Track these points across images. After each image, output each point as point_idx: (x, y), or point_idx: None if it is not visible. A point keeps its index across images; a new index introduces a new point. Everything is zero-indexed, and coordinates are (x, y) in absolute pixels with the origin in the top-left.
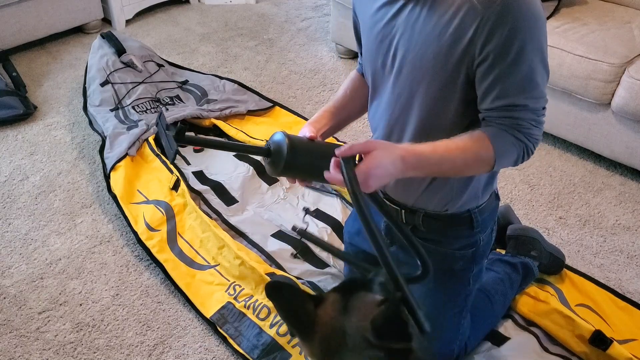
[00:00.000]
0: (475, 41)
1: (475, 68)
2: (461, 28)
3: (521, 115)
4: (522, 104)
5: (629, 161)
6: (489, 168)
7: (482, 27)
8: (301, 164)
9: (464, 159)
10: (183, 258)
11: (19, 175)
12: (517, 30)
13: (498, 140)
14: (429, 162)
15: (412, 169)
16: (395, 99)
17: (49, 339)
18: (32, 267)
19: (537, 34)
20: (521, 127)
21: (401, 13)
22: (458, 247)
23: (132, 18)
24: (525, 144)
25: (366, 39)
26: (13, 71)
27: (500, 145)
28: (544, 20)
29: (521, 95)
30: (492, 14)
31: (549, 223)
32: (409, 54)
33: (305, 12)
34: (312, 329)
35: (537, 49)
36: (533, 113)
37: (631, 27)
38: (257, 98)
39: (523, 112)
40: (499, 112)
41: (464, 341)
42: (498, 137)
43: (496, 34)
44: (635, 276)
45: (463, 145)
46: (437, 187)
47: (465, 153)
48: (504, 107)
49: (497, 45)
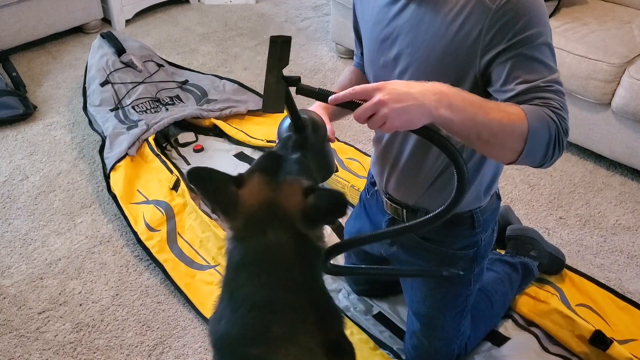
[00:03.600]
0: (485, 36)
1: (488, 63)
2: (468, 24)
3: (549, 95)
4: (547, 85)
5: (629, 161)
6: (520, 144)
7: (492, 21)
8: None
9: (499, 119)
10: (183, 258)
11: (19, 175)
12: (528, 20)
13: (530, 111)
14: (465, 99)
15: (448, 105)
16: None
17: (48, 339)
18: (32, 267)
19: (545, 21)
20: (552, 107)
21: (403, 13)
22: (459, 247)
23: (132, 18)
24: (558, 126)
25: (368, 40)
26: (13, 71)
27: (533, 116)
28: (545, 8)
29: (543, 78)
30: (501, 7)
31: (549, 223)
32: (415, 54)
33: (305, 12)
34: (235, 208)
35: (547, 39)
36: (559, 95)
37: (631, 27)
38: (257, 98)
39: (550, 93)
40: (528, 95)
41: (464, 341)
42: (531, 108)
43: (509, 27)
44: (635, 276)
45: (497, 104)
46: (439, 187)
47: (500, 111)
48: (531, 89)
49: (511, 37)
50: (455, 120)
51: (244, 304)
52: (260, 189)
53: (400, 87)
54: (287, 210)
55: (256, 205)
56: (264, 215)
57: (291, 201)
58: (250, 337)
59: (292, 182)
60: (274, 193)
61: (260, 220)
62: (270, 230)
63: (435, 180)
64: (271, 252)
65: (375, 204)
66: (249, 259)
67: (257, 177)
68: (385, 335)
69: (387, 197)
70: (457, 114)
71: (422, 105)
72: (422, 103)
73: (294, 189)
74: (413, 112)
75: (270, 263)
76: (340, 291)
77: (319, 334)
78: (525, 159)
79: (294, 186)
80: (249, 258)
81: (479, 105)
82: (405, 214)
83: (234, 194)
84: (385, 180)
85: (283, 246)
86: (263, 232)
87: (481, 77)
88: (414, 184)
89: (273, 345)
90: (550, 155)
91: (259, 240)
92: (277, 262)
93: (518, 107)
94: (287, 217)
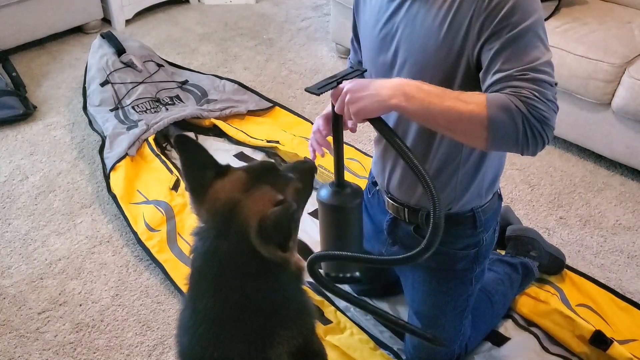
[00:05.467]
0: (474, 24)
1: (479, 52)
2: (460, 15)
3: (520, 83)
4: (520, 74)
5: (629, 161)
6: (482, 132)
7: (481, 9)
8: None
9: (454, 104)
10: (183, 258)
11: (19, 175)
12: (515, 6)
13: (493, 100)
14: (420, 89)
15: (402, 94)
16: None
17: (48, 339)
18: (32, 267)
19: (534, 11)
20: (522, 96)
21: (400, 9)
22: (461, 247)
23: (132, 18)
24: (527, 117)
25: (368, 39)
26: (13, 71)
27: (494, 104)
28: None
29: (520, 66)
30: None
31: (550, 223)
32: (412, 48)
33: (305, 12)
34: (204, 193)
35: (533, 25)
36: (535, 83)
37: (631, 27)
38: (257, 98)
39: (523, 81)
40: (500, 84)
41: (464, 341)
42: (494, 97)
43: (495, 14)
44: (635, 276)
45: (458, 94)
46: (440, 186)
47: (457, 100)
48: (504, 78)
49: (496, 23)
50: (410, 109)
51: (203, 319)
52: (233, 186)
53: (364, 81)
54: (246, 216)
55: (222, 201)
56: (224, 214)
57: (255, 209)
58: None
59: (266, 191)
60: (244, 195)
61: (220, 219)
62: (224, 235)
63: (435, 179)
64: (221, 262)
65: (377, 204)
66: (205, 267)
67: (238, 174)
68: (386, 336)
69: (388, 197)
70: (410, 103)
71: (376, 95)
72: (377, 93)
73: (265, 198)
74: (368, 101)
75: (222, 275)
76: None
77: (280, 344)
78: (497, 147)
79: (266, 195)
80: (205, 265)
81: (436, 95)
82: (406, 214)
83: (208, 180)
84: (387, 180)
85: (234, 257)
86: (218, 235)
87: (475, 68)
88: (414, 183)
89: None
90: (525, 143)
91: (212, 244)
92: (230, 275)
93: (481, 97)
94: (244, 223)
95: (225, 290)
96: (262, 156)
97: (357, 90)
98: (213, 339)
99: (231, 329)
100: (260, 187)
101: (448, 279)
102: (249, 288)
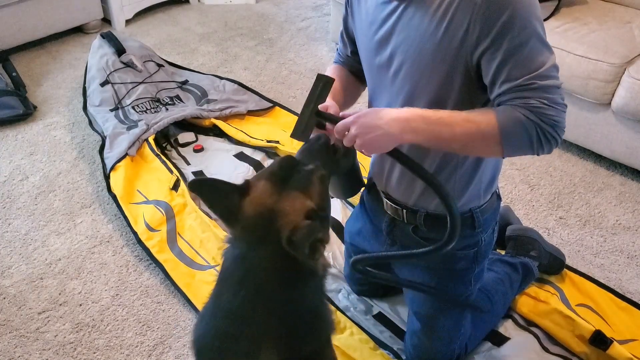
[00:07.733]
0: (472, 31)
1: (478, 58)
2: (456, 20)
3: (529, 94)
4: (528, 83)
5: (629, 161)
6: (497, 147)
7: (478, 15)
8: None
9: (464, 128)
10: (183, 258)
11: (19, 175)
12: (514, 14)
13: (503, 116)
14: (428, 120)
15: (411, 130)
16: (395, 98)
17: (48, 339)
18: (32, 267)
19: (533, 16)
20: (531, 106)
21: (396, 12)
22: (460, 247)
23: (132, 18)
24: (539, 125)
25: (363, 41)
26: (13, 71)
27: (505, 121)
28: (537, 2)
29: (527, 75)
30: (485, 1)
31: (549, 223)
32: (408, 51)
33: (305, 12)
34: (236, 217)
35: (535, 30)
36: (543, 91)
37: (631, 27)
38: (257, 98)
39: (531, 91)
40: (509, 95)
41: (464, 341)
42: (504, 112)
43: (493, 20)
44: (635, 276)
45: (466, 115)
46: None
47: (467, 122)
48: (512, 88)
49: (496, 31)
50: (422, 141)
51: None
52: (262, 200)
53: (370, 120)
54: (280, 226)
55: (253, 216)
56: (258, 226)
57: (287, 219)
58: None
59: (296, 199)
60: (274, 205)
61: (254, 230)
62: (258, 243)
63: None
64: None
65: (376, 204)
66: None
67: (262, 185)
68: (386, 336)
69: (386, 198)
70: (421, 136)
71: (387, 134)
72: (388, 132)
73: (296, 207)
74: (382, 140)
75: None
76: (340, 291)
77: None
78: (514, 155)
79: (297, 203)
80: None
81: (444, 123)
82: (405, 214)
83: (236, 205)
84: (385, 181)
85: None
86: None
87: (475, 72)
88: (412, 184)
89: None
90: (540, 147)
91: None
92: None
93: (490, 113)
94: (277, 233)
95: (247, 289)
96: (262, 156)
97: (367, 132)
98: (222, 331)
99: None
100: (288, 194)
101: (447, 279)
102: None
